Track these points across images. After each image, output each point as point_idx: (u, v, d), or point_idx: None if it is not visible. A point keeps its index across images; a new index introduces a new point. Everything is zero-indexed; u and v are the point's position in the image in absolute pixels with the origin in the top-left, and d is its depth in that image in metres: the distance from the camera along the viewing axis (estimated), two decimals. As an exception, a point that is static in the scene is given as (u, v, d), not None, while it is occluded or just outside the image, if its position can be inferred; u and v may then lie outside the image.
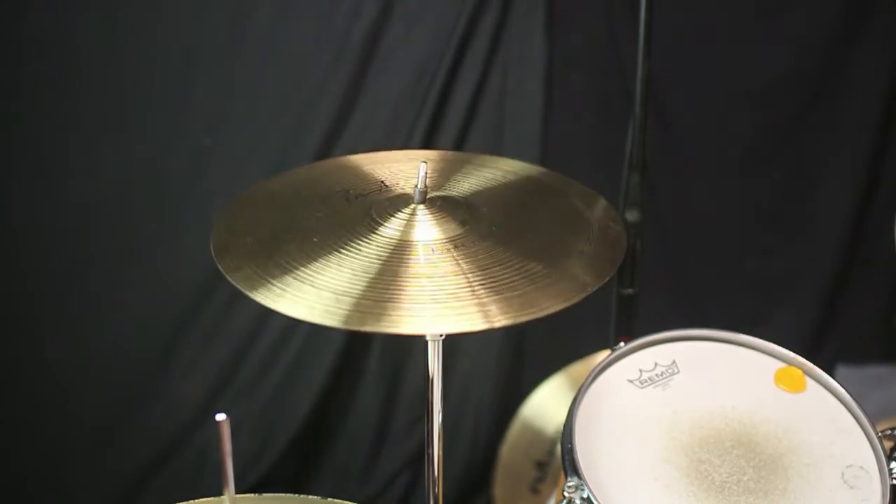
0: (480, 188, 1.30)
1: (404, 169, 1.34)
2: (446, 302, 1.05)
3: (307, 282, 1.07)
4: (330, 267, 1.10)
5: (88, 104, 1.97)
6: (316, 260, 1.11)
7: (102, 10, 1.92)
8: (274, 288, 1.07)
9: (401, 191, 1.27)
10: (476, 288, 1.08)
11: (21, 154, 1.98)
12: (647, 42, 1.67)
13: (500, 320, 1.04)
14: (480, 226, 1.19)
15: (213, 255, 1.14)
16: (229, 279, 1.09)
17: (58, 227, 2.02)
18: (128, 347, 2.10)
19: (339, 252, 1.12)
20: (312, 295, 1.05)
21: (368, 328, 1.02)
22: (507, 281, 1.09)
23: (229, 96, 2.01)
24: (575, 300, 1.08)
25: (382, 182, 1.29)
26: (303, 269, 1.09)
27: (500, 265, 1.12)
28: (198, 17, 1.95)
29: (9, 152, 1.98)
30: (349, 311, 1.03)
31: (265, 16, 1.97)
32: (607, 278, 1.13)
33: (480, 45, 2.03)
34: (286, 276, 1.08)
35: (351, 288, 1.06)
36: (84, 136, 1.99)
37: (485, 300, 1.06)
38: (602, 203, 1.30)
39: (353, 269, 1.09)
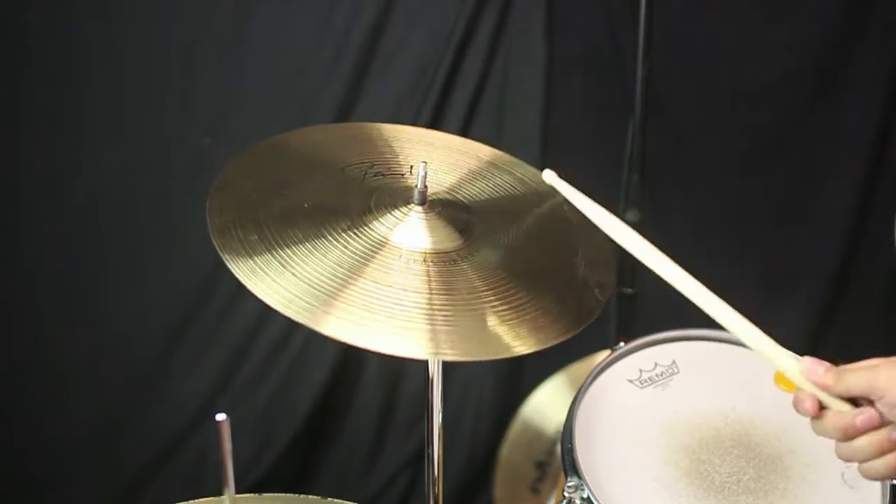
0: (488, 196, 1.24)
1: (436, 156, 1.27)
2: (393, 319, 1.00)
3: (288, 267, 1.02)
4: (310, 253, 1.04)
5: (89, 104, 1.97)
6: (300, 245, 1.05)
7: (103, 9, 1.92)
8: (256, 269, 1.02)
9: (414, 181, 1.18)
10: (436, 313, 1.01)
11: (22, 154, 1.99)
12: (647, 42, 1.67)
13: (447, 354, 0.98)
14: (473, 241, 1.13)
15: (208, 216, 1.11)
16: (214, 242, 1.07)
17: (59, 226, 2.02)
18: (128, 347, 2.10)
19: (325, 238, 1.07)
20: (290, 282, 1.01)
21: (311, 325, 0.98)
22: (467, 313, 1.04)
23: (230, 96, 2.01)
24: (532, 349, 1.06)
25: (411, 167, 1.22)
26: (284, 251, 1.04)
27: (472, 292, 1.06)
28: (198, 18, 1.95)
29: (10, 152, 1.98)
30: (307, 304, 0.99)
31: (265, 16, 1.97)
32: (570, 335, 1.10)
33: (480, 45, 2.03)
34: (266, 255, 1.02)
35: (322, 282, 1.01)
36: (85, 136, 1.99)
37: (439, 328, 1.00)
38: (598, 255, 1.21)
39: (332, 262, 1.04)
